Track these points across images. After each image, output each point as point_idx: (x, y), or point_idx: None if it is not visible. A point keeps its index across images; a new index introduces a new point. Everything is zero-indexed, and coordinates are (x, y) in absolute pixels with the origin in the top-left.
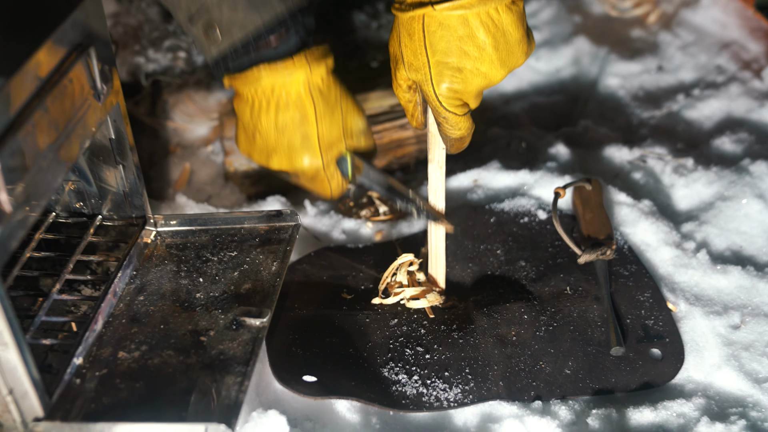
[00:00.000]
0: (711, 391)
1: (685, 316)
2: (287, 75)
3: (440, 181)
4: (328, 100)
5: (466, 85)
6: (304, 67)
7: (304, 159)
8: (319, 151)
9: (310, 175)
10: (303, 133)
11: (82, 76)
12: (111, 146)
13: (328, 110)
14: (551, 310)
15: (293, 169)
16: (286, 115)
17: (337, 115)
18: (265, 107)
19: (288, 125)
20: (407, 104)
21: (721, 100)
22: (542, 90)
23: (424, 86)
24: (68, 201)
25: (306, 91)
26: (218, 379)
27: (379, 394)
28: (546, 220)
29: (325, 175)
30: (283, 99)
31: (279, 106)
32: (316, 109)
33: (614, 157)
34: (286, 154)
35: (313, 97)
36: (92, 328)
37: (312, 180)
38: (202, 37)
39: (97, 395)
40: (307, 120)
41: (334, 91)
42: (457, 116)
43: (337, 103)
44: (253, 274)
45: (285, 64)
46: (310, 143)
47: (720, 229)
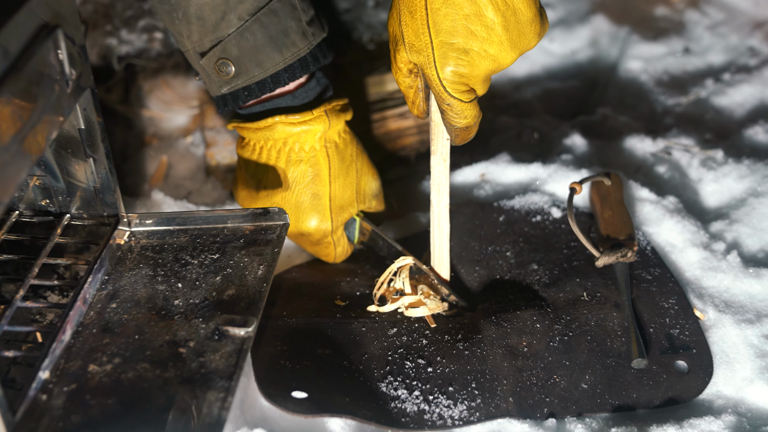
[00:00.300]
0: (742, 408)
1: (713, 324)
2: (304, 128)
3: (444, 176)
4: (344, 158)
5: (472, 69)
6: (323, 120)
7: (312, 221)
8: (329, 213)
9: (315, 238)
10: (314, 192)
11: (48, 60)
12: (80, 137)
13: (343, 169)
14: (566, 319)
15: (298, 230)
16: (297, 170)
17: (352, 175)
18: (274, 159)
19: (298, 181)
20: (407, 90)
21: (755, 86)
22: (556, 74)
23: (427, 69)
24: (33, 198)
25: (321, 147)
26: (199, 394)
27: (377, 412)
28: (560, 219)
29: (332, 239)
30: (295, 152)
31: (290, 159)
32: (330, 166)
33: (636, 149)
34: (293, 213)
35: (329, 153)
36: (60, 339)
37: (316, 243)
38: (213, 73)
39: (66, 413)
40: (319, 178)
41: (350, 149)
42: (463, 103)
43: (353, 161)
44: (238, 279)
45: (303, 116)
46: (320, 204)
47: (753, 229)
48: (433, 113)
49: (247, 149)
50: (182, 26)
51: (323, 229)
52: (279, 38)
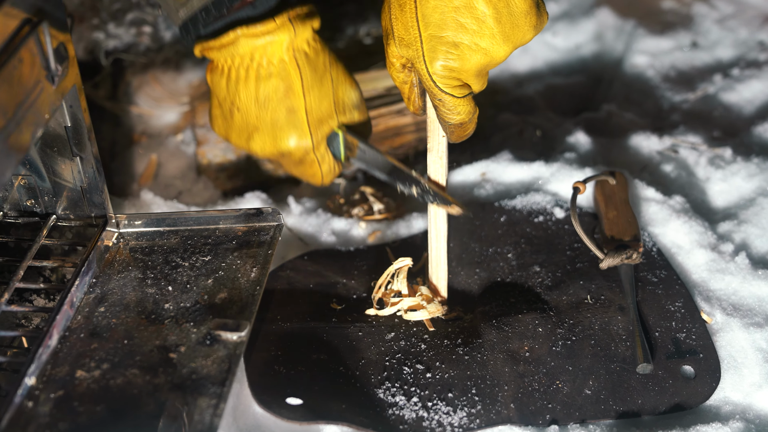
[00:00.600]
0: (750, 414)
1: (721, 328)
2: (268, 38)
3: (441, 174)
4: (316, 68)
5: (463, 63)
6: (287, 28)
7: (291, 137)
8: (307, 127)
9: (297, 157)
10: (288, 107)
11: (33, 55)
12: (67, 135)
13: (317, 79)
14: (569, 322)
15: (278, 150)
16: (268, 85)
17: (327, 85)
18: (243, 78)
19: (271, 98)
20: (402, 86)
21: (764, 81)
22: (560, 70)
23: (417, 64)
24: (18, 198)
25: (290, 58)
26: (190, 401)
27: (374, 419)
28: (563, 219)
29: (315, 156)
30: (264, 67)
31: (260, 75)
32: (302, 78)
33: (642, 147)
34: (270, 132)
35: (299, 64)
36: (46, 344)
37: (299, 163)
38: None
39: (53, 420)
40: (292, 91)
41: (322, 57)
42: (455, 98)
43: (326, 71)
44: (230, 282)
45: (265, 25)
46: (296, 119)
47: (762, 229)
48: (429, 109)
49: (216, 73)
50: None
51: (303, 145)
52: None
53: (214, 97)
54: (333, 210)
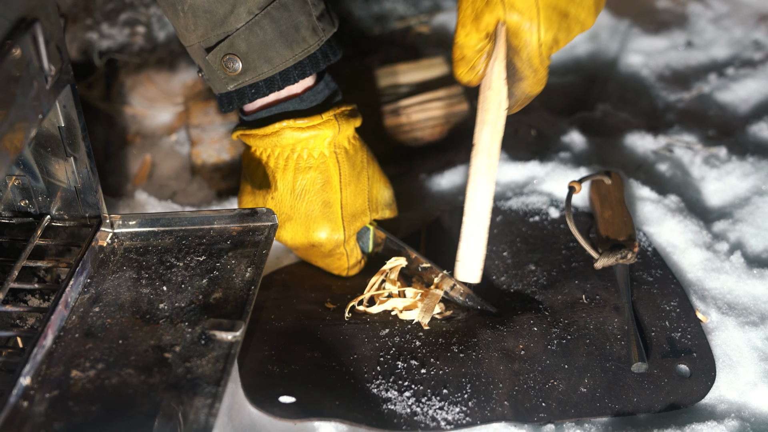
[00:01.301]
0: (746, 413)
1: (716, 327)
2: (313, 133)
3: (496, 149)
4: (355, 165)
5: (568, 34)
6: (332, 125)
7: (324, 230)
8: (341, 221)
9: (326, 249)
10: (324, 200)
11: (26, 55)
12: (60, 135)
13: (354, 176)
14: (564, 322)
15: (309, 241)
16: (306, 177)
17: (363, 182)
18: (282, 167)
19: (308, 190)
20: (474, 54)
21: (759, 81)
22: (554, 69)
23: (525, 33)
24: (12, 199)
25: (331, 153)
26: (185, 401)
27: (367, 414)
28: (559, 219)
29: (345, 250)
30: (304, 159)
31: (299, 167)
32: (341, 173)
33: (636, 147)
34: (303, 222)
35: (339, 159)
36: (41, 344)
37: (328, 255)
38: (219, 69)
39: (48, 420)
40: (330, 185)
41: (360, 155)
42: (545, 70)
43: (363, 168)
44: (224, 282)
45: (312, 120)
46: (331, 212)
47: (757, 228)
48: (493, 81)
49: (253, 159)
50: (188, 19)
51: (335, 239)
52: (289, 33)
53: (246, 181)
54: None
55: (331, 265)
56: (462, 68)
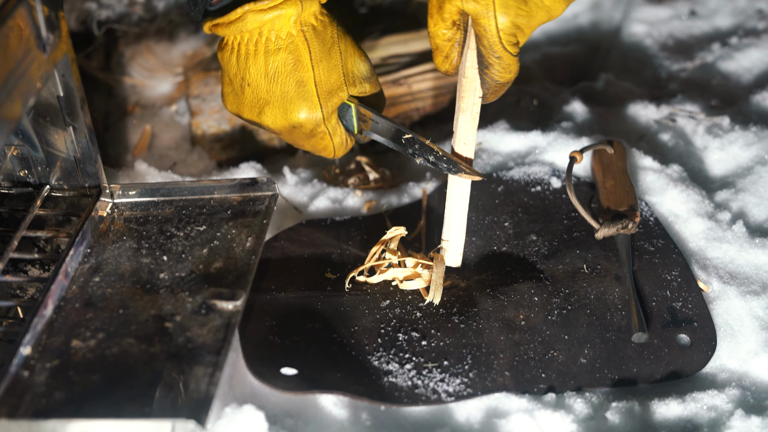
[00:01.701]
0: (747, 381)
1: (718, 296)
2: (276, 13)
3: (472, 136)
4: (324, 41)
5: (529, 20)
6: (294, 3)
7: (301, 110)
8: (317, 99)
9: (308, 129)
10: (297, 80)
11: (24, 23)
12: (59, 105)
13: (325, 52)
14: (565, 292)
15: (289, 123)
16: (276, 59)
17: (336, 57)
18: (252, 53)
19: (280, 71)
20: (444, 44)
21: (763, 50)
22: (557, 39)
23: (483, 19)
24: (11, 169)
25: (298, 31)
26: (186, 370)
27: (368, 387)
28: (561, 189)
29: (326, 128)
30: (272, 42)
31: (268, 50)
32: (310, 50)
33: (639, 116)
34: (280, 105)
35: (307, 37)
36: (41, 314)
37: (311, 136)
38: None
39: (49, 389)
40: (301, 64)
41: (330, 30)
42: (511, 56)
43: (334, 43)
44: (225, 252)
45: (274, 1)
46: (306, 91)
47: (759, 198)
48: (467, 69)
49: (226, 50)
50: None
51: (314, 117)
52: None
53: (225, 74)
54: (329, 180)
55: (316, 146)
56: (438, 58)
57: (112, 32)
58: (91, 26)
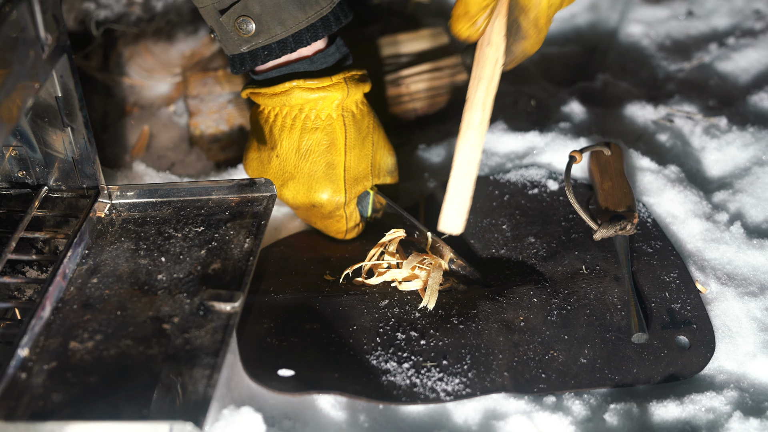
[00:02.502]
0: (745, 383)
1: (716, 297)
2: (322, 94)
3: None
4: (361, 129)
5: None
6: (342, 88)
7: (326, 191)
8: (343, 184)
9: (326, 210)
10: (328, 162)
11: (22, 24)
12: (57, 106)
13: (359, 140)
14: (564, 293)
15: (310, 201)
16: (312, 137)
17: (368, 147)
18: (289, 126)
19: (313, 150)
20: (480, 10)
21: (760, 50)
22: (554, 39)
23: None
24: (9, 170)
25: (338, 115)
26: (184, 372)
27: (366, 386)
28: (558, 191)
29: (345, 212)
30: (311, 120)
31: (305, 127)
32: (347, 136)
33: (637, 117)
34: (305, 182)
35: (345, 122)
36: (39, 315)
37: (327, 217)
38: (232, 30)
39: (46, 391)
40: (335, 147)
41: (367, 120)
42: (547, 30)
43: (369, 134)
44: (223, 253)
45: (322, 81)
46: (334, 174)
47: (757, 199)
48: (494, 36)
49: (261, 117)
50: None
51: (336, 200)
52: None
53: (252, 139)
54: None
55: (329, 227)
56: (463, 23)
57: (111, 32)
58: (89, 26)
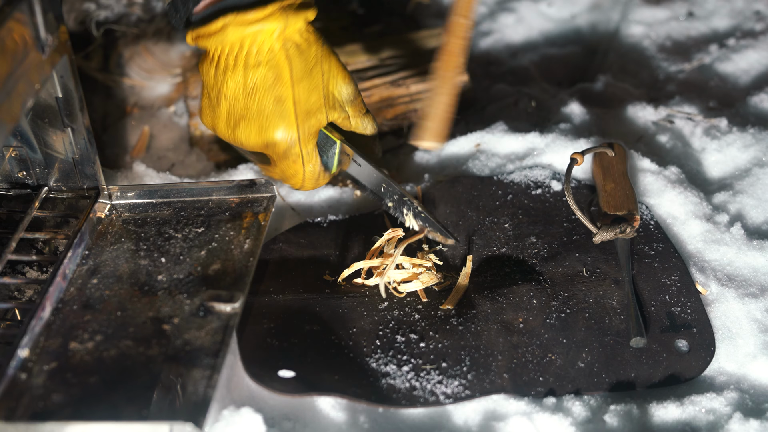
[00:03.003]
0: (745, 384)
1: (716, 299)
2: (258, 27)
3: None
4: (307, 59)
5: None
6: (278, 18)
7: (277, 128)
8: (294, 119)
9: (281, 149)
10: (276, 96)
11: (22, 25)
12: (58, 106)
13: (307, 71)
14: (564, 295)
15: (263, 140)
16: (256, 74)
17: (317, 77)
18: (231, 66)
19: (259, 86)
20: None
21: (760, 51)
22: (555, 40)
23: None
24: (9, 170)
25: (280, 47)
26: (184, 372)
27: (367, 389)
28: (561, 192)
29: (301, 152)
30: (253, 56)
31: (248, 64)
32: (292, 68)
33: (637, 118)
34: (256, 121)
35: (289, 54)
36: (39, 316)
37: (283, 157)
38: None
39: (46, 392)
40: (281, 81)
41: (314, 49)
42: None
43: (317, 63)
44: (223, 254)
45: (256, 13)
46: (284, 109)
47: (757, 200)
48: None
49: (206, 62)
50: None
51: (289, 137)
52: None
53: (204, 86)
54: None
55: (286, 171)
56: None
57: (111, 33)
58: (89, 27)
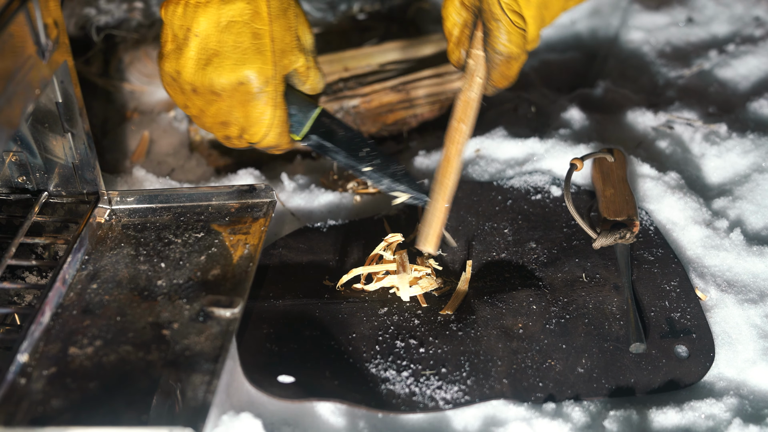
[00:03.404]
0: (744, 390)
1: (716, 304)
2: None
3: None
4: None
5: None
6: None
7: (254, 63)
8: (271, 55)
9: (254, 87)
10: (254, 32)
11: (23, 30)
12: (58, 111)
13: (282, 9)
14: (564, 300)
15: (237, 77)
16: (233, 8)
17: (291, 18)
18: (204, 3)
19: (236, 20)
20: (453, 28)
21: (760, 57)
22: (555, 45)
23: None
24: (9, 175)
25: None
26: (183, 378)
27: (366, 395)
28: (561, 198)
29: (272, 90)
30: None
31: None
32: (269, 4)
33: (637, 123)
34: (231, 55)
35: None
36: (38, 321)
37: (252, 98)
38: None
39: (46, 397)
40: (259, 16)
41: None
42: (512, 25)
43: (290, 5)
44: (223, 259)
45: None
46: (262, 44)
47: (757, 206)
48: (473, 51)
49: (171, 4)
50: None
51: (264, 74)
52: None
53: (166, 30)
54: (327, 186)
55: (251, 114)
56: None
57: (111, 38)
58: (89, 32)
